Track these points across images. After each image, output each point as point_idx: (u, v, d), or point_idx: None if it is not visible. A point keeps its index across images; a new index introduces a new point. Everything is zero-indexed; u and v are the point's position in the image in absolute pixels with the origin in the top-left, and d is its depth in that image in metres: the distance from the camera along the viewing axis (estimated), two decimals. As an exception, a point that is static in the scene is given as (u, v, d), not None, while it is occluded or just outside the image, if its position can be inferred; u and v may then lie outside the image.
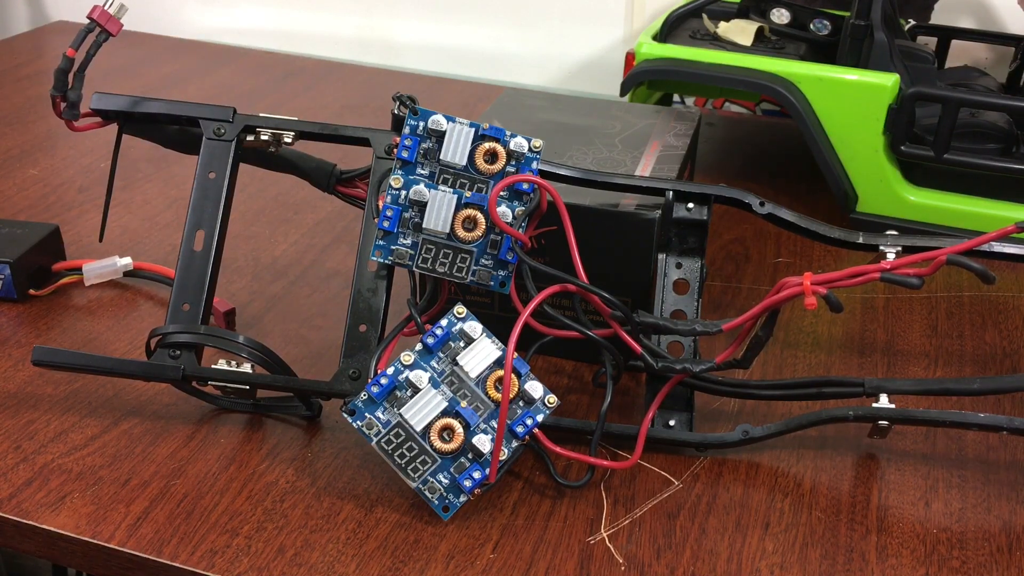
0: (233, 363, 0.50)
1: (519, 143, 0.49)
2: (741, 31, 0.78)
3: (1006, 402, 0.56)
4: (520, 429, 0.46)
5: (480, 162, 0.49)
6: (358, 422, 0.45)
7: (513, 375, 0.46)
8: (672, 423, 0.51)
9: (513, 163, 0.49)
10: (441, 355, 0.47)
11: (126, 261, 0.64)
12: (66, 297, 0.62)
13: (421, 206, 0.48)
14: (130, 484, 0.48)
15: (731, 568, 0.44)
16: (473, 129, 0.49)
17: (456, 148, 0.49)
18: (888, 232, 0.52)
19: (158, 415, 0.53)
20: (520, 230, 0.49)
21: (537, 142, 0.49)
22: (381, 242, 0.49)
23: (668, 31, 0.76)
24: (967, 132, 0.70)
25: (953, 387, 0.49)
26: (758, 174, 0.83)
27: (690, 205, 0.53)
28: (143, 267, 0.64)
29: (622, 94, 0.76)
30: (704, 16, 0.81)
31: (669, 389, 0.50)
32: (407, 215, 0.49)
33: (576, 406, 0.55)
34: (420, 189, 0.48)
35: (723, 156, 0.86)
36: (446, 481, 0.45)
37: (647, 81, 0.79)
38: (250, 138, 0.54)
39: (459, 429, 0.45)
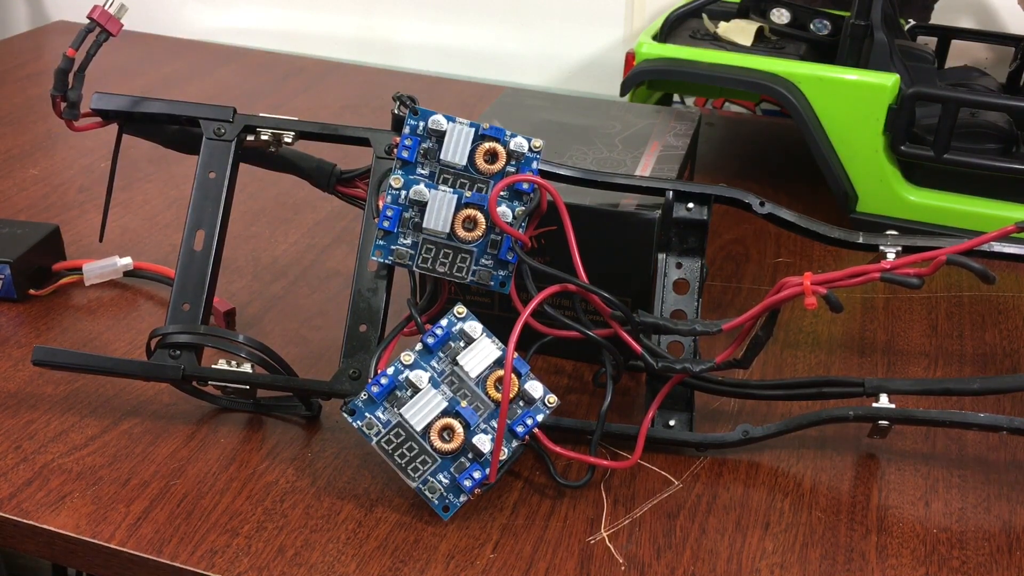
0: (233, 363, 0.50)
1: (519, 143, 0.49)
2: (741, 31, 0.78)
3: (1006, 402, 0.56)
4: (520, 429, 0.46)
5: (480, 162, 0.49)
6: (358, 422, 0.45)
7: (513, 375, 0.46)
8: (672, 423, 0.51)
9: (513, 163, 0.49)
10: (441, 355, 0.47)
11: (126, 261, 0.64)
12: (66, 297, 0.62)
13: (421, 206, 0.48)
14: (130, 484, 0.48)
15: (731, 568, 0.44)
16: (473, 129, 0.49)
17: (456, 148, 0.49)
18: (888, 232, 0.52)
19: (158, 415, 0.53)
20: (520, 230, 0.49)
21: (537, 142, 0.49)
22: (381, 242, 0.49)
23: (668, 31, 0.76)
24: (967, 132, 0.70)
25: (953, 387, 0.49)
26: (758, 174, 0.83)
27: (690, 205, 0.53)
28: (143, 267, 0.64)
29: (622, 94, 0.76)
30: (704, 16, 0.81)
31: (669, 389, 0.50)
32: (407, 215, 0.49)
33: (576, 406, 0.55)
34: (420, 189, 0.48)
35: (723, 156, 0.86)
36: (446, 481, 0.45)
37: (647, 81, 0.79)
38: (250, 138, 0.54)
39: (459, 429, 0.45)
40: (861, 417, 0.49)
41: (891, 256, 0.50)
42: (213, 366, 0.50)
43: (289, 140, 0.53)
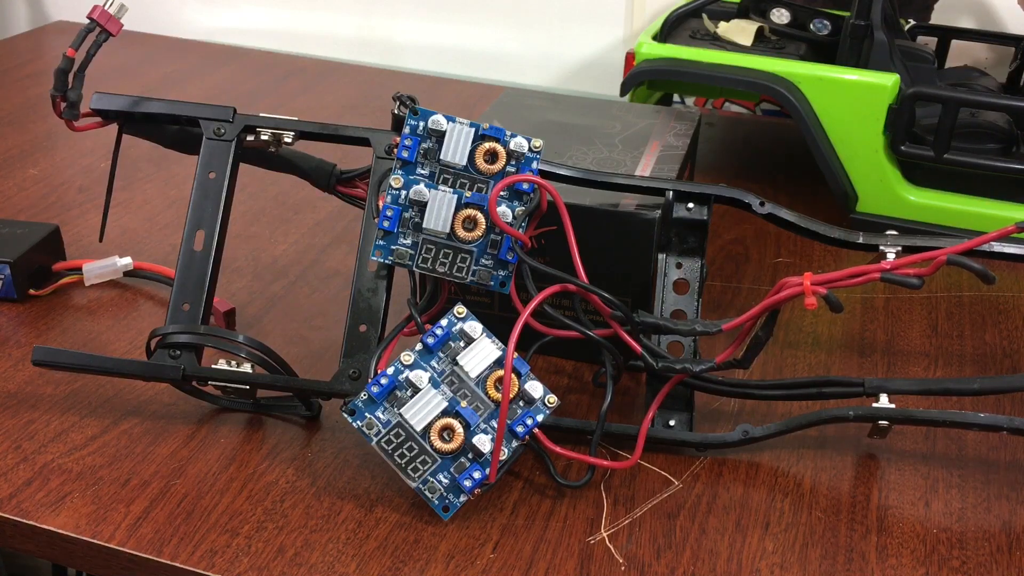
0: (233, 363, 0.50)
1: (519, 143, 0.49)
2: (741, 31, 0.78)
3: (1006, 402, 0.56)
4: (520, 429, 0.46)
5: (480, 162, 0.49)
6: (358, 422, 0.45)
7: (513, 375, 0.46)
8: (672, 423, 0.51)
9: (513, 163, 0.49)
10: (441, 355, 0.47)
11: (126, 261, 0.64)
12: (66, 297, 0.62)
13: (421, 206, 0.48)
14: (130, 484, 0.48)
15: (731, 568, 0.44)
16: (473, 129, 0.49)
17: (456, 148, 0.49)
18: (888, 232, 0.52)
19: (158, 415, 0.53)
20: (520, 230, 0.49)
21: (537, 142, 0.49)
22: (381, 242, 0.49)
23: (668, 31, 0.76)
24: (967, 132, 0.70)
25: (953, 387, 0.49)
26: (758, 174, 0.83)
27: (690, 205, 0.53)
28: (143, 267, 0.64)
29: (622, 94, 0.76)
30: (704, 16, 0.81)
31: (669, 389, 0.50)
32: (407, 215, 0.49)
33: (576, 406, 0.54)
34: (420, 189, 0.48)
35: (723, 156, 0.86)
36: (446, 481, 0.45)
37: (647, 81, 0.79)
38: (250, 138, 0.54)
39: (459, 429, 0.45)
40: (861, 417, 0.49)
41: (891, 256, 0.50)
42: (213, 366, 0.50)
43: (289, 140, 0.53)
